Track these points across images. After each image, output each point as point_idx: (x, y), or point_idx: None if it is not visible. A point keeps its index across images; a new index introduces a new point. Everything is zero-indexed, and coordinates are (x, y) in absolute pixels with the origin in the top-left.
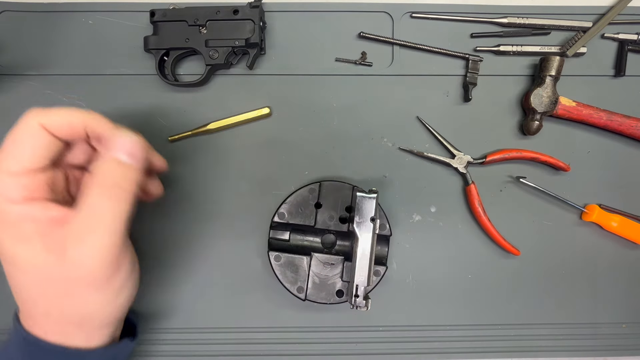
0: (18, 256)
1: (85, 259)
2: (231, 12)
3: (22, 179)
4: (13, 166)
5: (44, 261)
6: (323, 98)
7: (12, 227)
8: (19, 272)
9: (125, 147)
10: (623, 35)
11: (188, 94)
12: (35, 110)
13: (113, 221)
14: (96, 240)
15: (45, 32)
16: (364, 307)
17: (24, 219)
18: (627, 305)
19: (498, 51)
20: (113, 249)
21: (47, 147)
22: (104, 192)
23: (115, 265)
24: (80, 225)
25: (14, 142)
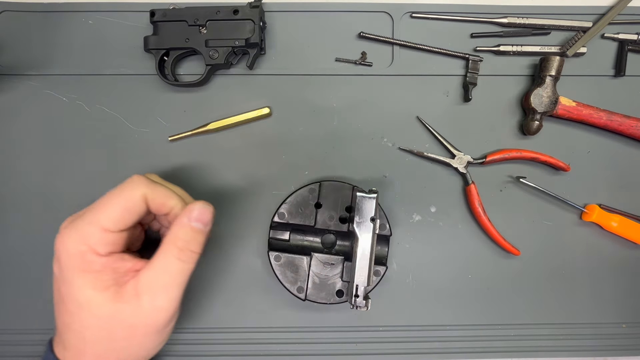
0: (92, 301)
1: (157, 310)
2: (231, 12)
3: (113, 237)
4: (109, 225)
5: (117, 308)
6: (323, 98)
7: (93, 276)
8: (88, 315)
9: (199, 216)
10: (623, 35)
11: (188, 94)
12: (143, 180)
13: (183, 279)
14: (168, 295)
15: (45, 32)
16: (364, 307)
17: (105, 269)
18: (627, 305)
19: (498, 51)
20: (178, 301)
21: (141, 214)
22: (178, 254)
23: (175, 315)
24: (155, 280)
25: (117, 204)
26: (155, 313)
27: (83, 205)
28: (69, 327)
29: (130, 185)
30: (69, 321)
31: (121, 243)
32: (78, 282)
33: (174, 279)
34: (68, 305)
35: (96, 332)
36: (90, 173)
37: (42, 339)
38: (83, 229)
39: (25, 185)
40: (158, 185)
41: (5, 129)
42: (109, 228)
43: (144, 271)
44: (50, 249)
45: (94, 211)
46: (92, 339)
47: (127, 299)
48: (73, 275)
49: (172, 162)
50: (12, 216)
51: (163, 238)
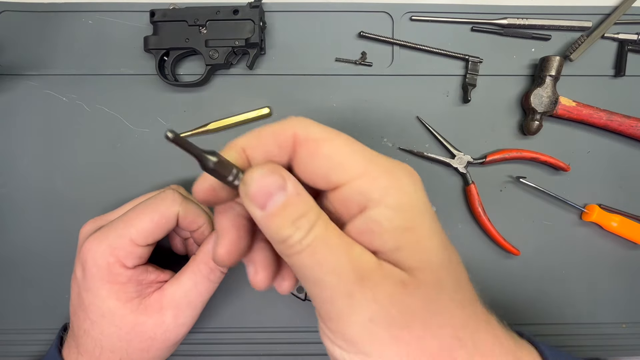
0: (115, 312)
1: (179, 326)
2: (231, 12)
3: (141, 250)
4: (140, 240)
5: (139, 320)
6: (323, 98)
7: (118, 287)
8: (109, 325)
9: None
10: (623, 35)
11: (188, 94)
12: (177, 197)
13: (207, 297)
14: (192, 312)
15: (45, 32)
16: None
17: (130, 281)
18: (627, 305)
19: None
20: (197, 318)
21: (170, 230)
22: (209, 274)
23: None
24: (182, 296)
25: (150, 220)
26: (177, 328)
27: (83, 204)
28: (87, 333)
29: (166, 202)
30: (88, 328)
31: (147, 256)
32: (103, 293)
33: (200, 297)
34: (89, 313)
35: (115, 341)
36: (90, 173)
37: (42, 339)
38: (114, 241)
39: (25, 185)
40: (190, 203)
41: (5, 129)
42: (139, 242)
43: (170, 286)
44: (49, 249)
45: (125, 223)
46: (109, 347)
47: (150, 312)
48: (98, 285)
49: (172, 162)
50: (12, 216)
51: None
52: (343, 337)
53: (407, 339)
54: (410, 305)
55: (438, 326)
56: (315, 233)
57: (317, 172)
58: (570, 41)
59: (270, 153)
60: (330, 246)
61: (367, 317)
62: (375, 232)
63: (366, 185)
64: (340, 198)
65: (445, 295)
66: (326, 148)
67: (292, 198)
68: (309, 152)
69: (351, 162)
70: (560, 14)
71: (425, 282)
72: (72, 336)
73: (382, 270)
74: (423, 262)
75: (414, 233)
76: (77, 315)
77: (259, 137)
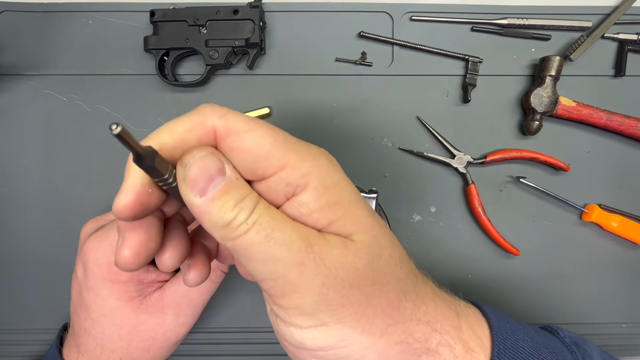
0: (117, 311)
1: (180, 326)
2: (231, 12)
3: None
4: None
5: (140, 319)
6: (323, 98)
7: (119, 286)
8: (110, 324)
9: None
10: (623, 35)
11: (188, 94)
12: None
13: (209, 296)
14: (193, 311)
15: (45, 32)
16: None
17: (131, 280)
18: (627, 305)
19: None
20: (197, 317)
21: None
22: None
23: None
24: (183, 295)
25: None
26: (177, 328)
27: (83, 204)
28: (88, 333)
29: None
30: (89, 327)
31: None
32: (104, 292)
33: (201, 296)
34: (91, 312)
35: (116, 340)
36: (90, 173)
37: (42, 339)
38: (115, 240)
39: (25, 185)
40: None
41: (5, 129)
42: None
43: (171, 285)
44: (50, 249)
45: None
46: (110, 346)
47: (151, 311)
48: (100, 285)
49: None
50: (12, 216)
51: None
52: (298, 310)
53: (358, 298)
54: (355, 265)
55: (383, 282)
56: (259, 211)
57: (243, 165)
58: (570, 41)
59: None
60: (276, 220)
61: (320, 281)
62: (306, 214)
63: (291, 175)
64: (268, 188)
65: (385, 253)
66: (249, 141)
67: (233, 181)
68: (232, 146)
69: (274, 153)
70: (560, 14)
71: (364, 242)
72: (73, 336)
73: (324, 237)
74: (357, 226)
75: (341, 206)
76: (77, 314)
77: (173, 133)
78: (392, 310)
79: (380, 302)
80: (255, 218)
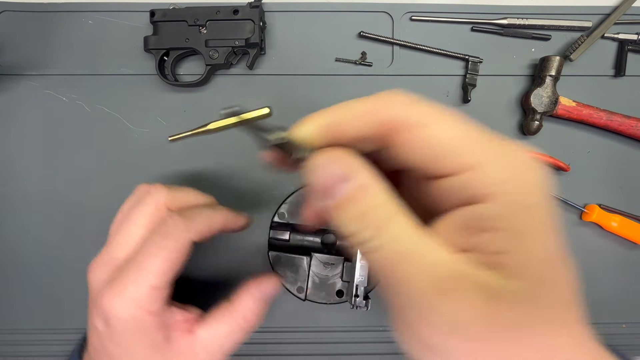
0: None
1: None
2: (231, 12)
3: (162, 292)
4: (158, 283)
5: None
6: (323, 98)
7: (146, 336)
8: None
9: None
10: (623, 35)
11: (188, 94)
12: (183, 222)
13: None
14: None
15: (45, 32)
16: (364, 307)
17: (158, 326)
18: (627, 305)
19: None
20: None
21: (186, 258)
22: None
23: None
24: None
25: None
26: None
27: (83, 204)
28: None
29: (174, 235)
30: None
31: (169, 293)
32: (132, 345)
33: (233, 344)
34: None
35: None
36: (90, 173)
37: (42, 339)
38: (135, 293)
39: (25, 185)
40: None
41: (5, 129)
42: (160, 286)
43: (203, 330)
44: (50, 249)
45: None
46: None
47: (182, 357)
48: (126, 339)
49: (172, 162)
50: (12, 216)
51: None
52: (418, 340)
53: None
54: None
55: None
56: (386, 236)
57: (417, 161)
58: (570, 41)
59: (359, 134)
60: (404, 254)
61: (447, 329)
62: (480, 231)
63: (478, 179)
64: (442, 188)
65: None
66: (431, 135)
67: (356, 191)
68: (410, 139)
69: (461, 151)
70: (560, 14)
71: (521, 297)
72: None
73: (468, 279)
74: (526, 274)
75: (525, 239)
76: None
77: (348, 114)
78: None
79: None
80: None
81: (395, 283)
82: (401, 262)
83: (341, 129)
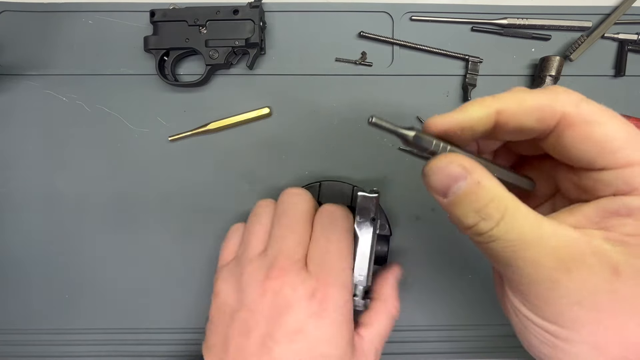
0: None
1: None
2: (231, 12)
3: None
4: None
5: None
6: (323, 98)
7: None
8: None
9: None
10: (623, 35)
11: (188, 94)
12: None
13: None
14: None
15: (45, 32)
16: (363, 308)
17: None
18: None
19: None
20: None
21: None
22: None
23: None
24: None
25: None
26: None
27: (83, 204)
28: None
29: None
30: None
31: None
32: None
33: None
34: None
35: None
36: (90, 173)
37: (42, 339)
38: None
39: (25, 185)
40: None
41: (5, 129)
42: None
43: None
44: (50, 249)
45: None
46: None
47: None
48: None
49: (172, 162)
50: (12, 216)
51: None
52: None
53: (608, 324)
54: (619, 292)
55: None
56: (507, 225)
57: (579, 155)
58: (570, 41)
59: (524, 125)
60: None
61: (574, 300)
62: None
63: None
64: (596, 179)
65: None
66: (599, 133)
67: (474, 187)
68: (577, 135)
69: (626, 149)
70: (560, 14)
71: None
72: None
73: (593, 257)
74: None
75: None
76: None
77: (521, 104)
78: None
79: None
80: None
81: (520, 266)
82: (525, 247)
83: (508, 118)
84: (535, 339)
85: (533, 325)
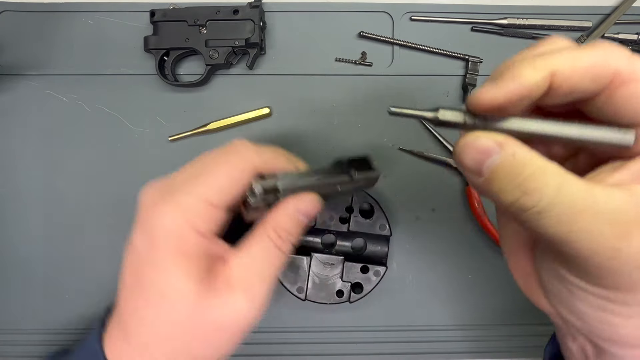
0: (182, 292)
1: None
2: (231, 12)
3: (217, 214)
4: (215, 199)
5: (207, 304)
6: (323, 98)
7: (188, 260)
8: (171, 309)
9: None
10: (623, 35)
11: (188, 94)
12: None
13: (278, 271)
14: (265, 288)
15: (45, 32)
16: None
17: (203, 253)
18: None
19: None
20: (269, 297)
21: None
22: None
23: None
24: (252, 270)
25: (224, 175)
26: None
27: (83, 204)
28: (140, 316)
29: (237, 153)
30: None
31: (222, 223)
32: (171, 268)
33: (272, 269)
34: (148, 291)
35: (174, 328)
36: (90, 173)
37: (42, 339)
38: (185, 203)
39: (26, 185)
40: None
41: (5, 129)
42: (215, 202)
43: (236, 259)
44: (50, 249)
45: (197, 180)
46: (166, 335)
47: (219, 294)
48: (167, 258)
49: (172, 162)
50: (12, 216)
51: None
52: (599, 282)
53: None
54: None
55: None
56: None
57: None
58: None
59: (579, 86)
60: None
61: (635, 265)
62: None
63: None
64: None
65: None
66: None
67: (508, 159)
68: (631, 93)
69: None
70: (560, 14)
71: None
72: (119, 321)
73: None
74: None
75: None
76: (130, 294)
77: (575, 63)
78: None
79: None
80: (546, 204)
81: (575, 239)
82: (579, 217)
83: (563, 80)
84: (583, 304)
85: (584, 293)
